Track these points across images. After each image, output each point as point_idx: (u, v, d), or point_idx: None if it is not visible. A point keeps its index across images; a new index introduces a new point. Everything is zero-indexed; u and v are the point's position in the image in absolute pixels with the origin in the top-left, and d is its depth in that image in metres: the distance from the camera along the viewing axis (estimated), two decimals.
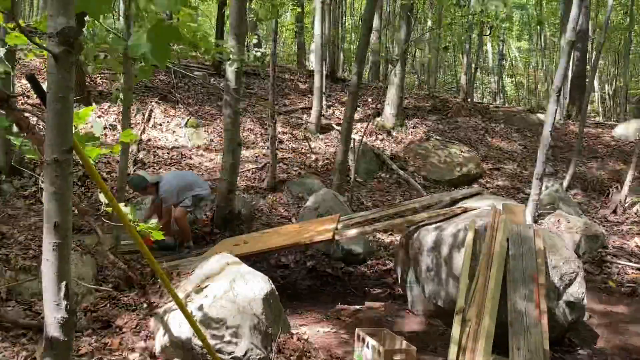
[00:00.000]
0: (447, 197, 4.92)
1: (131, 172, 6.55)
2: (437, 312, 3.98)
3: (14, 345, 2.72)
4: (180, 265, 4.06)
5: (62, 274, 1.63)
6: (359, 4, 20.96)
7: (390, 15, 16.84)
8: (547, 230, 4.17)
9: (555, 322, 3.48)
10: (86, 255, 3.89)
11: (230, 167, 5.45)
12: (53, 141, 1.54)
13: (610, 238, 6.64)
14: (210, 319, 2.83)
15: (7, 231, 4.08)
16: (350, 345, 3.49)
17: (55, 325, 1.63)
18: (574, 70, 13.74)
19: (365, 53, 10.58)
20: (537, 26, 20.22)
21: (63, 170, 1.57)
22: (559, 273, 3.54)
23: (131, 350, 2.82)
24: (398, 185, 8.50)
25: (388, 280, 5.13)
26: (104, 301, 3.46)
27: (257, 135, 8.99)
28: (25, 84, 7.41)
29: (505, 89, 24.20)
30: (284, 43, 22.52)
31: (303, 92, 11.75)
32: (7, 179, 5.37)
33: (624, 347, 3.80)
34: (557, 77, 4.89)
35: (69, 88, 1.53)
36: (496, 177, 9.42)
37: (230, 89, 5.19)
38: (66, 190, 1.59)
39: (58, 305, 1.62)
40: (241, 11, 5.24)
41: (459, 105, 12.89)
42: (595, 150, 11.67)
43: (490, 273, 3.36)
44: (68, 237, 1.63)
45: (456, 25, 8.41)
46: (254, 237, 4.84)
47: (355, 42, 18.45)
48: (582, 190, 8.99)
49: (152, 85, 9.46)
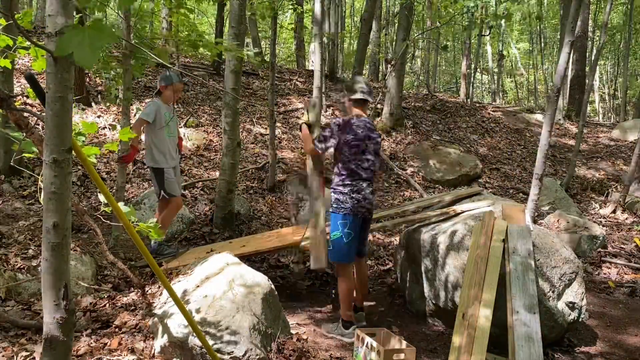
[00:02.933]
0: (446, 197, 4.92)
1: (130, 172, 6.55)
2: (437, 312, 3.98)
3: (13, 345, 2.72)
4: (179, 266, 4.06)
5: (61, 274, 1.63)
6: (359, 4, 20.98)
7: (390, 15, 16.85)
8: (547, 231, 4.17)
9: (555, 322, 3.48)
10: (86, 255, 3.89)
11: (229, 167, 5.45)
12: (52, 141, 1.54)
13: (610, 238, 6.65)
14: (210, 319, 2.83)
15: (7, 231, 4.08)
16: (349, 346, 3.49)
17: (55, 325, 1.63)
18: (573, 70, 13.77)
19: (365, 53, 10.58)
20: (537, 22, 20.25)
21: (62, 170, 1.57)
22: (559, 273, 3.55)
23: (130, 350, 2.82)
24: (398, 185, 8.50)
25: (387, 280, 5.14)
26: (103, 301, 3.46)
27: (257, 135, 8.99)
28: (25, 84, 7.41)
29: (504, 89, 24.21)
30: (284, 43, 22.53)
31: (302, 92, 11.75)
32: (6, 179, 5.37)
33: (623, 347, 3.80)
34: (557, 77, 4.89)
35: (68, 88, 1.52)
36: (495, 177, 9.43)
37: (229, 89, 5.19)
38: (65, 190, 1.59)
39: (57, 305, 1.62)
40: (241, 10, 5.24)
41: (459, 105, 12.90)
42: (594, 150, 11.69)
43: (486, 275, 3.36)
44: (67, 237, 1.63)
45: (455, 19, 8.40)
46: (224, 246, 4.63)
47: (355, 41, 18.46)
48: (582, 190, 9.00)
49: (151, 85, 9.46)
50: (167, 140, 4.41)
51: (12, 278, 3.36)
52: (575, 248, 5.98)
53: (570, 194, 8.37)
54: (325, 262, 3.84)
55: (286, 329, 3.32)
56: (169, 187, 4.41)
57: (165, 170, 4.38)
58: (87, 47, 1.31)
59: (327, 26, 13.45)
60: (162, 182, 4.38)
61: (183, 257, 4.43)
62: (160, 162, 4.37)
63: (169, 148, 4.41)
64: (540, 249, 3.61)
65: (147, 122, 4.30)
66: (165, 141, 4.40)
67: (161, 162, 4.37)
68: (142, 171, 6.73)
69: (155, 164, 4.37)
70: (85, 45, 1.31)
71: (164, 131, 4.38)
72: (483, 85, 26.13)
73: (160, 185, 4.39)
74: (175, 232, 5.39)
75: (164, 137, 4.38)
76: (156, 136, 4.36)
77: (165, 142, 4.39)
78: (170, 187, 4.42)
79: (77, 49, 1.31)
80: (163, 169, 4.37)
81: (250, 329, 2.84)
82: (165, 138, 4.40)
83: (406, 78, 17.11)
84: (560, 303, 3.52)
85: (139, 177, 6.58)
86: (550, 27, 23.06)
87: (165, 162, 4.39)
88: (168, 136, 4.43)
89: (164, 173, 4.38)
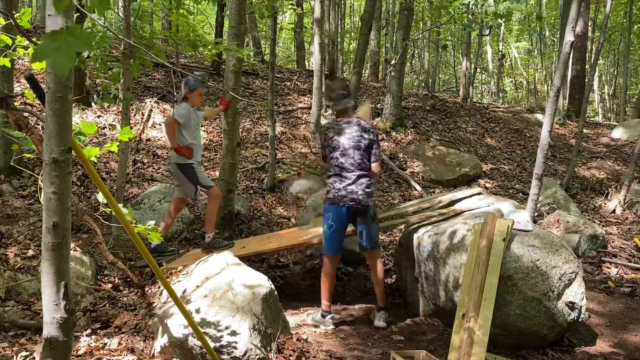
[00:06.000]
0: (446, 197, 4.92)
1: (130, 172, 6.55)
2: (437, 312, 3.98)
3: (13, 345, 2.72)
4: (180, 266, 4.06)
5: (61, 273, 1.63)
6: (359, 4, 20.98)
7: (390, 15, 16.85)
8: (547, 230, 4.17)
9: (555, 322, 3.48)
10: (86, 255, 3.89)
11: (229, 167, 5.44)
12: (52, 141, 1.54)
13: (610, 238, 6.65)
14: (210, 319, 2.83)
15: (6, 231, 4.08)
16: (349, 345, 3.49)
17: (55, 325, 1.63)
18: (573, 70, 13.77)
19: (365, 53, 10.59)
20: (537, 22, 20.25)
21: (62, 170, 1.57)
22: (559, 273, 3.54)
23: (130, 350, 2.82)
24: (397, 186, 8.50)
25: (387, 280, 5.13)
26: (103, 301, 3.47)
27: (257, 135, 8.99)
28: (25, 84, 7.41)
29: (504, 89, 24.22)
30: (283, 43, 22.53)
31: (302, 92, 11.75)
32: (6, 179, 5.36)
33: (623, 347, 3.80)
34: (557, 78, 4.89)
35: (67, 88, 1.52)
36: (495, 177, 9.43)
37: (229, 89, 5.19)
38: (65, 190, 1.59)
39: (57, 305, 1.62)
40: (240, 10, 5.23)
41: (459, 105, 12.90)
42: (594, 150, 11.69)
43: (487, 275, 3.36)
44: (67, 237, 1.63)
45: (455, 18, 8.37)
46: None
47: (354, 41, 18.46)
48: (582, 190, 8.99)
49: (151, 85, 9.46)
50: (196, 141, 4.53)
51: (12, 278, 3.36)
52: (575, 248, 5.98)
53: (570, 194, 8.37)
54: None
55: (286, 329, 3.32)
56: (203, 180, 4.50)
57: (194, 165, 4.47)
58: (63, 54, 1.26)
59: (327, 26, 13.45)
60: (195, 176, 4.46)
61: (183, 257, 4.44)
62: (189, 158, 4.47)
63: (196, 148, 4.53)
64: (540, 249, 3.61)
65: (178, 123, 4.38)
66: (195, 142, 4.52)
67: (190, 159, 4.46)
68: (142, 171, 6.73)
69: (184, 160, 4.43)
70: (62, 52, 1.27)
71: (194, 133, 4.51)
72: (483, 85, 26.13)
73: (194, 181, 4.47)
74: (175, 232, 5.38)
75: (193, 137, 4.49)
76: (187, 136, 4.47)
77: (195, 143, 4.51)
78: (204, 180, 4.52)
79: (53, 55, 1.27)
80: (192, 164, 4.45)
81: (250, 329, 2.84)
82: (195, 139, 4.52)
83: (406, 78, 17.12)
84: (560, 303, 3.52)
85: (139, 177, 6.58)
86: (550, 27, 23.07)
87: (194, 158, 4.49)
88: (197, 138, 4.55)
89: (194, 168, 4.46)
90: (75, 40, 1.28)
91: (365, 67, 14.82)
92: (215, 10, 13.30)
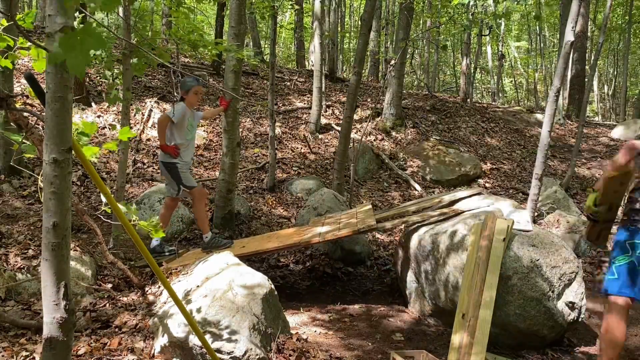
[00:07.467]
0: (446, 197, 4.91)
1: (130, 172, 6.55)
2: (437, 312, 3.98)
3: (13, 345, 2.72)
4: (180, 266, 4.06)
5: (61, 273, 1.63)
6: (359, 4, 20.97)
7: (390, 15, 16.85)
8: (547, 230, 4.17)
9: (555, 322, 3.48)
10: (86, 255, 3.89)
11: (229, 167, 5.45)
12: (52, 141, 1.54)
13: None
14: (210, 319, 2.83)
15: (6, 231, 4.08)
16: (349, 345, 3.49)
17: (54, 325, 1.63)
18: (573, 70, 13.77)
19: (365, 53, 10.58)
20: (535, 22, 20.24)
21: (62, 170, 1.57)
22: (559, 273, 3.54)
23: (130, 350, 2.82)
24: (397, 185, 8.50)
25: (387, 280, 5.13)
26: (103, 301, 3.47)
27: (257, 135, 8.99)
28: (25, 84, 7.40)
29: (504, 89, 24.23)
30: (283, 43, 22.54)
31: (302, 92, 11.75)
32: (6, 179, 5.36)
33: (623, 346, 3.80)
34: (556, 78, 4.89)
35: (67, 88, 1.52)
36: (495, 177, 9.43)
37: (229, 89, 5.19)
38: (65, 190, 1.59)
39: (57, 305, 1.62)
40: (240, 10, 5.23)
41: (459, 105, 12.90)
42: (594, 150, 11.69)
43: (487, 275, 3.36)
44: (67, 237, 1.63)
45: (454, 18, 8.39)
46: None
47: (354, 41, 18.45)
48: (582, 190, 8.99)
49: (151, 85, 9.46)
50: (185, 142, 4.51)
51: (12, 278, 3.36)
52: (575, 248, 5.98)
53: (570, 194, 8.37)
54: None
55: (286, 329, 3.32)
56: (186, 179, 4.51)
57: (178, 165, 4.46)
58: (78, 53, 1.29)
59: (327, 26, 13.46)
60: (178, 176, 4.47)
61: (183, 257, 4.44)
62: (174, 157, 4.46)
63: (185, 149, 4.52)
64: (540, 249, 3.61)
65: (172, 121, 4.38)
66: (184, 142, 4.50)
67: (174, 158, 4.46)
68: (142, 171, 6.73)
69: (169, 158, 4.44)
70: (77, 51, 1.30)
71: (184, 133, 4.50)
72: (483, 85, 26.13)
73: (177, 180, 4.48)
74: (175, 232, 5.39)
75: (183, 137, 4.49)
76: (176, 135, 4.47)
77: (184, 143, 4.50)
78: (187, 179, 4.53)
79: (69, 56, 1.30)
80: (176, 164, 4.46)
81: (250, 329, 2.84)
82: (185, 139, 4.51)
83: (406, 78, 17.11)
84: (560, 303, 3.52)
85: (139, 177, 6.58)
86: (550, 27, 23.06)
87: (180, 158, 4.49)
88: (187, 139, 4.54)
89: (178, 168, 4.47)
90: (89, 38, 1.30)
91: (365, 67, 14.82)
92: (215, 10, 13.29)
